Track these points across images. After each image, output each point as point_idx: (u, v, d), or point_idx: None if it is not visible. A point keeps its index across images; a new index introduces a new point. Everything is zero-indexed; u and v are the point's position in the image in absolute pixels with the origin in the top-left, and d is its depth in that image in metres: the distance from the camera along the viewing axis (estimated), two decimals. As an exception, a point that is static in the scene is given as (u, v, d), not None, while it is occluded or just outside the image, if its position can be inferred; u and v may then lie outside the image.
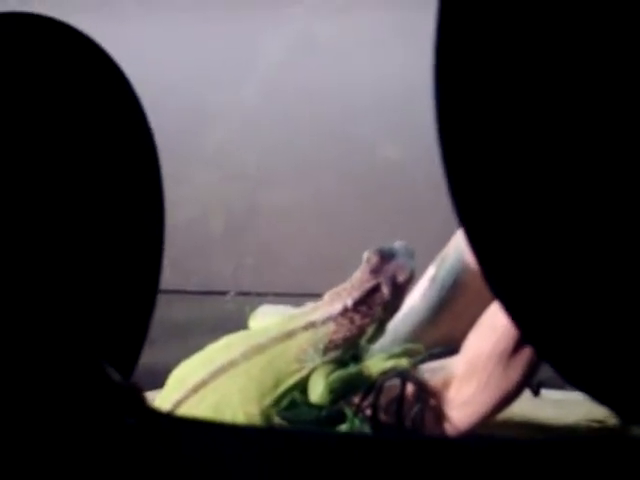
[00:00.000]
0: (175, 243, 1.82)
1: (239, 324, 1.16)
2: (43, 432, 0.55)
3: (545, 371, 0.96)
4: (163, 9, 1.92)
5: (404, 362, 1.01)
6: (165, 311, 1.72)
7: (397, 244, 1.04)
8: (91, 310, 0.64)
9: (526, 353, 0.94)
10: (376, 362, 1.01)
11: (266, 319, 1.09)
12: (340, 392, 0.99)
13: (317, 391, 0.99)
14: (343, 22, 1.78)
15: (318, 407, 1.00)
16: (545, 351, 0.52)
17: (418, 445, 0.54)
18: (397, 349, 1.03)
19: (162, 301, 1.75)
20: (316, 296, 1.05)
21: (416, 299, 1.09)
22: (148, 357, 1.13)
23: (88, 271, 0.63)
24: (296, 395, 1.00)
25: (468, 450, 0.52)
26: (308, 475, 0.50)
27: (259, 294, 1.43)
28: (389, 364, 1.01)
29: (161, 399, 1.04)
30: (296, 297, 1.09)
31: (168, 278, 1.80)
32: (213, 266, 1.80)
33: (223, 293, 1.71)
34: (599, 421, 1.08)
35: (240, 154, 1.85)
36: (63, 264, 0.61)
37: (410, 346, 1.04)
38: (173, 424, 0.61)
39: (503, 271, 0.50)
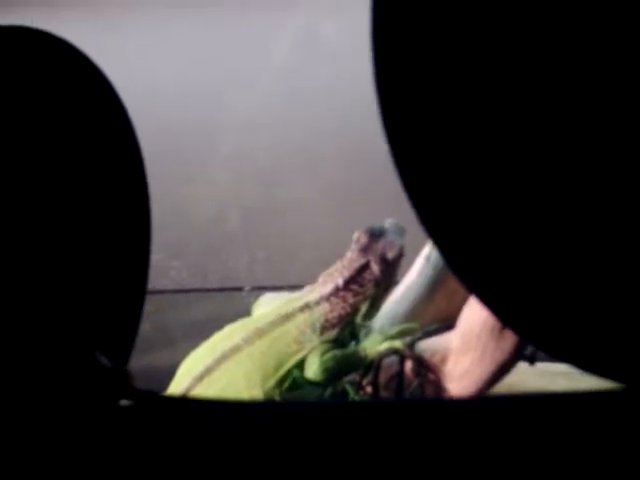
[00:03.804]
0: (192, 243, 1.86)
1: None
2: (36, 418, 0.56)
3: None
4: (174, 17, 1.95)
5: (398, 344, 1.02)
6: (184, 311, 1.75)
7: (387, 222, 1.06)
8: (80, 303, 0.65)
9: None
10: (372, 344, 1.03)
11: (268, 307, 1.11)
12: (334, 370, 1.01)
13: (312, 369, 1.01)
14: (345, 20, 1.79)
15: (320, 387, 1.02)
16: (527, 335, 0.52)
17: (424, 407, 0.54)
18: (393, 330, 1.05)
19: (181, 301, 1.78)
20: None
21: (413, 278, 1.11)
22: (169, 358, 1.16)
23: (75, 268, 0.64)
24: (297, 375, 1.02)
25: (473, 409, 0.53)
26: (315, 445, 0.51)
27: (274, 288, 1.45)
28: (384, 346, 1.02)
29: (170, 390, 1.06)
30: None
31: (185, 278, 1.83)
32: (229, 263, 1.82)
33: (240, 289, 1.73)
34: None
35: (253, 153, 1.87)
36: (51, 261, 0.63)
37: (406, 326, 1.06)
38: (167, 404, 0.62)
39: (471, 264, 0.49)
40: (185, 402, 0.68)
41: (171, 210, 1.80)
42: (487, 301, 0.51)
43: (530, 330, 0.51)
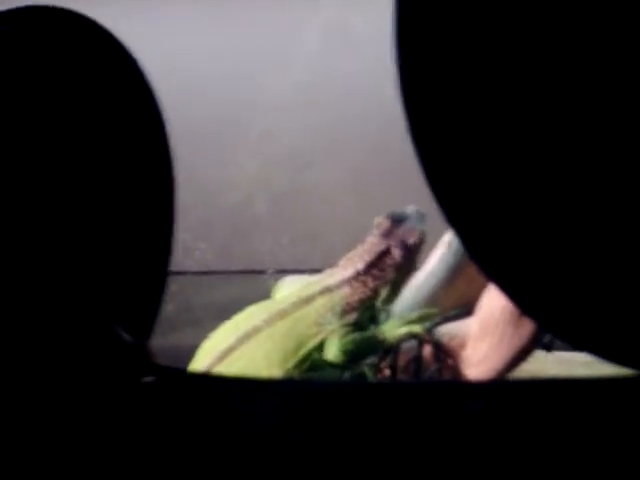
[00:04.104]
0: (219, 225, 1.87)
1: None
2: (58, 393, 0.57)
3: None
4: (207, 3, 1.96)
5: (417, 328, 1.03)
6: (208, 293, 1.77)
7: (409, 208, 1.07)
8: (104, 279, 0.66)
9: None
10: (391, 328, 1.04)
11: (289, 289, 1.13)
12: (353, 353, 1.02)
13: (332, 351, 1.02)
14: (375, 10, 1.80)
15: (339, 369, 1.03)
16: (545, 323, 0.53)
17: (437, 388, 0.55)
18: (413, 314, 1.06)
19: (206, 283, 1.79)
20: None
21: (433, 264, 1.12)
22: (194, 338, 1.17)
23: (99, 244, 0.66)
24: (317, 357, 1.03)
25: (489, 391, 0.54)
26: (335, 423, 0.51)
27: (297, 271, 1.47)
28: (403, 330, 1.03)
29: (191, 369, 1.08)
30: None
31: (210, 259, 1.85)
32: (254, 246, 1.84)
33: (263, 272, 1.75)
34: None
35: (281, 139, 1.88)
36: (75, 237, 0.64)
37: (425, 311, 1.07)
38: (188, 380, 0.63)
39: (490, 252, 0.50)
40: (207, 379, 0.69)
41: (200, 192, 1.82)
42: (506, 289, 0.51)
43: (548, 318, 0.52)
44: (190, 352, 1.10)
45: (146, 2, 1.94)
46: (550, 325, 0.52)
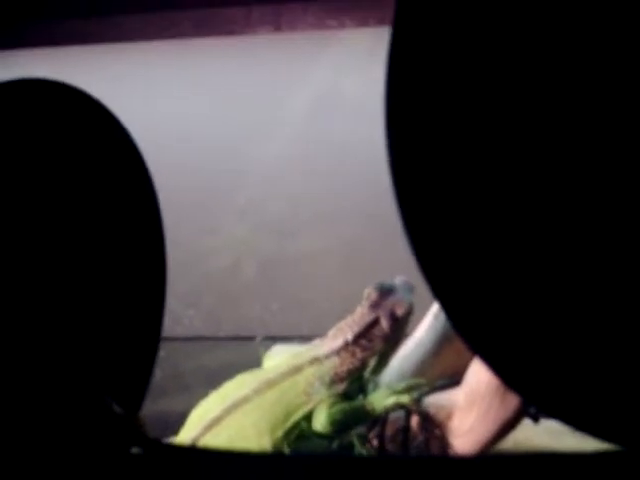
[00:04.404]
0: (207, 292, 1.88)
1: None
2: (48, 462, 0.58)
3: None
4: (193, 68, 1.98)
5: (405, 399, 1.04)
6: (198, 359, 1.77)
7: (397, 279, 1.08)
8: (95, 350, 0.67)
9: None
10: (379, 398, 1.05)
11: (278, 358, 1.14)
12: (342, 423, 1.03)
13: (320, 421, 1.03)
14: (366, 77, 1.83)
15: (328, 438, 1.04)
16: (529, 397, 0.53)
17: (425, 463, 0.56)
18: (401, 385, 1.07)
19: (195, 349, 1.80)
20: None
21: (422, 334, 1.13)
22: (185, 404, 1.17)
23: (92, 315, 0.66)
24: (305, 427, 1.04)
25: (476, 466, 0.55)
26: None
27: (286, 338, 1.48)
28: (391, 400, 1.04)
29: (179, 438, 1.08)
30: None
31: (199, 326, 1.85)
32: (243, 313, 1.84)
33: (252, 338, 1.75)
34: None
35: (269, 205, 1.90)
36: (67, 309, 0.64)
37: (413, 381, 1.08)
38: (176, 453, 0.64)
39: (475, 327, 0.51)
40: (193, 452, 0.69)
41: (188, 259, 1.83)
42: (490, 363, 0.52)
43: (532, 392, 0.52)
44: (181, 418, 1.11)
45: (131, 71, 1.96)
46: (532, 398, 0.53)
